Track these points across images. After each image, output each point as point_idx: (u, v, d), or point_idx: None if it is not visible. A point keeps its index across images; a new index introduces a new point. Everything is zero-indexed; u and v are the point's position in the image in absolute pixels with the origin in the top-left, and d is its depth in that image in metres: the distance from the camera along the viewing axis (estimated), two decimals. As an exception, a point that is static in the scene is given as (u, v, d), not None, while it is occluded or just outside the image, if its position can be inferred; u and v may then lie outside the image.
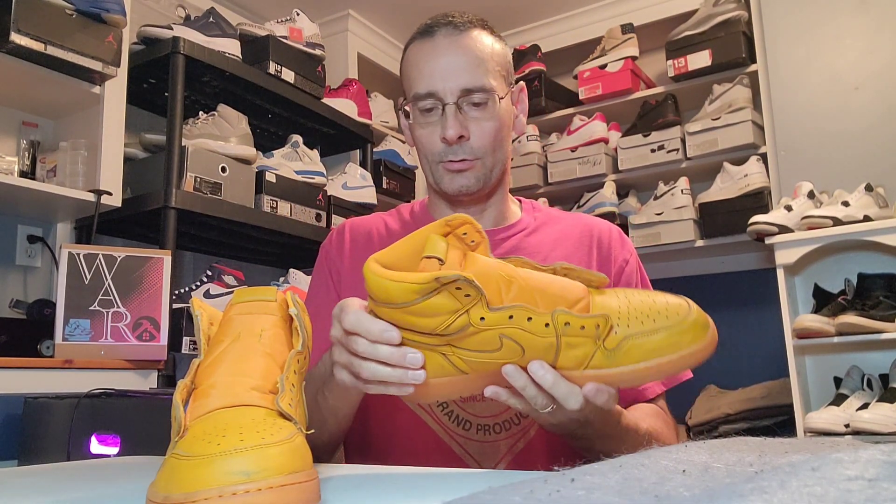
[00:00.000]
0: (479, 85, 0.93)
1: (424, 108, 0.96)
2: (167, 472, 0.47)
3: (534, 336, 0.61)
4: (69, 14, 1.79)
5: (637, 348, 0.62)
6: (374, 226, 1.07)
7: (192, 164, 2.04)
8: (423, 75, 0.95)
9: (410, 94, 0.97)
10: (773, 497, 0.26)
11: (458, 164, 0.96)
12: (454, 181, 0.97)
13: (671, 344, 0.63)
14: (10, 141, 2.04)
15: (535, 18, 3.16)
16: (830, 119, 2.37)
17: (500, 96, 0.96)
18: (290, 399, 0.54)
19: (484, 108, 0.95)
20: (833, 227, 2.09)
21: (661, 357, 0.63)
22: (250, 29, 2.44)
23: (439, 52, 0.95)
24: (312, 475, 0.49)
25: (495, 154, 0.97)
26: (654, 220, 2.62)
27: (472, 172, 0.96)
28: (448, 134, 0.93)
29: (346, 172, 2.66)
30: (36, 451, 1.37)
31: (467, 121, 0.94)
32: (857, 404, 2.02)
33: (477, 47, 0.95)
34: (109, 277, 1.77)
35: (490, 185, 0.99)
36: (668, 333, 0.63)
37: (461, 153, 0.95)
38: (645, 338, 0.62)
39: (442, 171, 0.98)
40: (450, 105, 0.93)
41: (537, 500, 0.31)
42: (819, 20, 2.44)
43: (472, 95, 0.94)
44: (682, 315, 0.64)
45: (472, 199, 1.01)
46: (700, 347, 0.64)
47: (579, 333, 0.62)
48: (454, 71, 0.93)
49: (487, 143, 0.96)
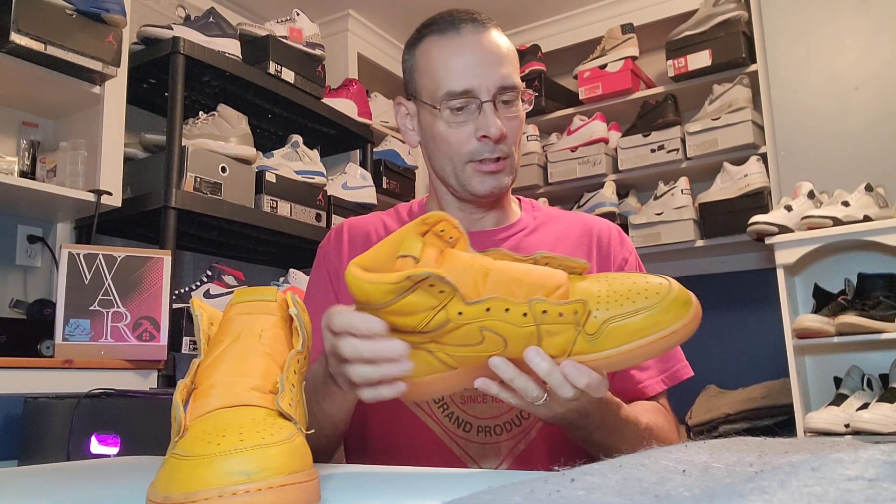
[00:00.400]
0: (511, 83, 0.93)
1: (456, 106, 0.93)
2: (167, 472, 0.47)
3: (513, 326, 0.61)
4: (69, 14, 1.79)
5: (618, 331, 0.62)
6: (372, 226, 1.06)
7: (192, 164, 2.04)
8: (455, 73, 0.92)
9: (439, 93, 0.93)
10: (773, 497, 0.26)
11: (493, 165, 0.94)
12: (485, 182, 0.95)
13: (653, 324, 0.62)
14: (10, 141, 2.04)
15: (535, 18, 3.16)
16: (830, 119, 2.37)
17: (522, 94, 0.96)
18: (290, 399, 0.54)
19: (512, 106, 0.95)
20: (833, 227, 2.09)
21: (644, 338, 0.62)
22: (250, 29, 2.44)
23: (469, 49, 0.93)
24: (312, 475, 0.49)
25: (518, 149, 0.98)
26: (654, 220, 2.62)
27: (503, 173, 0.96)
28: (492, 132, 0.92)
29: (346, 172, 2.66)
30: (36, 451, 1.37)
31: (500, 118, 0.93)
32: (857, 404, 2.02)
33: (504, 45, 0.95)
34: (109, 277, 1.77)
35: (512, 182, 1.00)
36: (648, 314, 0.62)
37: (497, 151, 0.94)
38: (625, 320, 0.62)
39: (471, 172, 0.95)
40: (488, 103, 0.92)
41: (537, 500, 0.31)
42: (819, 20, 2.44)
43: (505, 93, 0.93)
44: (662, 294, 0.64)
45: (490, 200, 1.00)
46: (682, 325, 0.64)
47: (558, 321, 0.61)
48: (489, 67, 0.92)
49: (514, 140, 0.96)
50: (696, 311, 0.65)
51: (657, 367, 0.98)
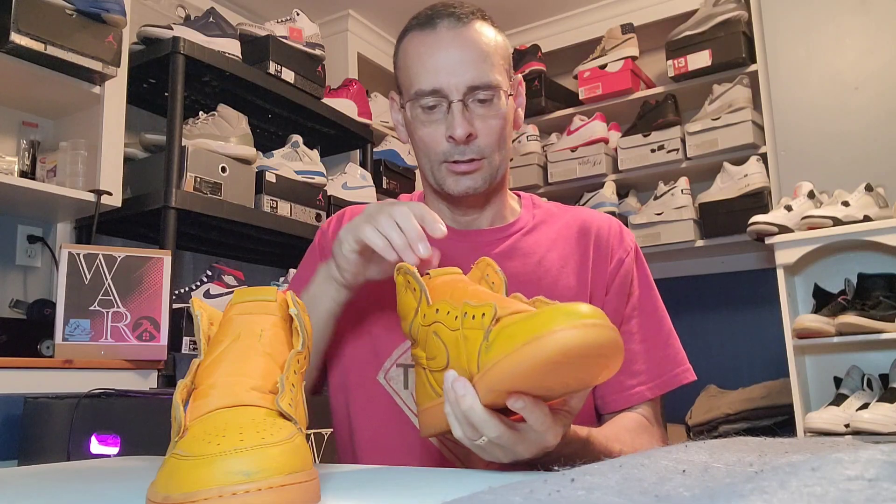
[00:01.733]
0: (485, 81, 0.89)
1: (427, 105, 0.91)
2: (167, 472, 0.47)
3: (449, 331, 0.59)
4: (69, 14, 1.79)
5: (502, 334, 0.54)
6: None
7: (192, 164, 2.04)
8: (426, 70, 0.90)
9: (412, 91, 0.92)
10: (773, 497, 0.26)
11: (464, 166, 0.91)
12: (459, 183, 0.92)
13: (533, 326, 0.52)
14: (10, 141, 2.04)
15: (535, 18, 3.16)
16: (830, 119, 2.37)
17: (505, 91, 0.92)
18: (290, 399, 0.54)
19: (490, 105, 0.90)
20: (833, 227, 2.09)
21: (521, 342, 0.52)
22: (250, 29, 2.44)
23: (443, 46, 0.90)
24: (312, 475, 0.49)
25: (500, 152, 0.93)
26: (654, 220, 2.62)
27: (479, 173, 0.92)
28: (457, 133, 0.88)
29: (346, 172, 2.66)
30: (36, 451, 1.37)
31: (474, 118, 0.90)
32: (857, 404, 2.02)
33: (482, 41, 0.91)
34: (109, 277, 1.77)
35: (494, 184, 0.96)
36: (535, 317, 0.53)
37: (468, 153, 0.91)
38: (513, 324, 0.54)
39: (445, 173, 0.93)
40: (456, 103, 0.89)
41: (537, 499, 0.31)
42: (819, 20, 2.44)
43: (478, 92, 0.89)
44: (562, 306, 0.54)
45: (474, 199, 0.98)
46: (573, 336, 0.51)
47: (472, 325, 0.57)
48: (460, 66, 0.89)
49: (494, 141, 0.92)
50: (599, 330, 0.52)
51: (649, 372, 0.94)
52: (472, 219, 1.00)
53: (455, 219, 1.00)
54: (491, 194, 0.99)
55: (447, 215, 1.00)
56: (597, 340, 0.51)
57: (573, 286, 0.95)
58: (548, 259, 0.97)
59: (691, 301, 2.77)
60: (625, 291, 0.97)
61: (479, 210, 1.00)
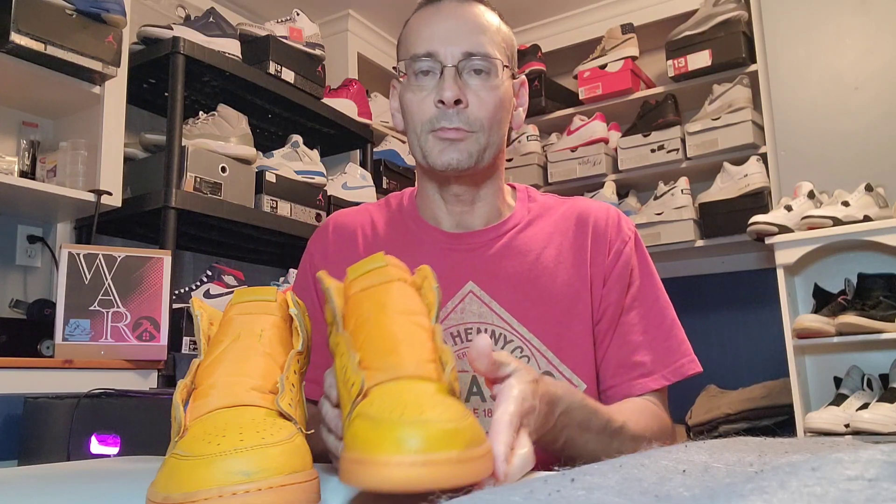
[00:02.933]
0: (482, 51, 0.88)
1: (420, 69, 0.89)
2: (167, 472, 0.47)
3: (340, 370, 0.56)
4: (69, 14, 1.79)
5: (352, 427, 0.48)
6: (359, 224, 1.02)
7: (192, 164, 2.04)
8: (422, 38, 0.90)
9: (408, 57, 0.91)
10: (773, 497, 0.26)
11: (451, 132, 0.88)
12: (444, 154, 0.89)
13: (366, 442, 0.45)
14: (10, 141, 2.04)
15: (535, 18, 3.16)
16: (830, 119, 2.37)
17: (506, 67, 0.90)
18: (289, 399, 0.54)
19: (486, 77, 0.89)
20: (833, 227, 2.09)
21: (352, 455, 0.46)
22: (250, 29, 2.44)
23: (442, 17, 0.90)
24: (312, 475, 0.49)
25: (491, 132, 0.90)
26: (654, 220, 2.62)
27: (464, 145, 0.88)
28: (445, 95, 0.86)
29: (346, 172, 2.66)
30: (36, 451, 1.37)
31: (466, 88, 0.88)
32: (857, 404, 2.02)
33: (484, 17, 0.91)
34: (109, 277, 1.77)
35: (481, 167, 0.92)
36: (376, 428, 0.46)
37: (456, 120, 0.87)
38: (359, 421, 0.48)
39: (432, 142, 0.89)
40: (449, 68, 0.87)
41: (537, 500, 0.31)
42: (819, 20, 2.44)
43: (473, 61, 0.88)
44: (408, 419, 0.46)
45: (461, 181, 0.94)
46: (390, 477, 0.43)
47: (347, 383, 0.54)
48: (457, 34, 0.88)
49: (485, 115, 0.88)
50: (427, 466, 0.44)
51: (653, 363, 0.92)
52: (464, 212, 0.97)
53: (449, 212, 0.97)
54: (480, 183, 0.96)
55: (441, 209, 0.97)
56: (420, 483, 0.43)
57: (571, 282, 0.93)
58: (544, 256, 0.95)
59: (691, 301, 2.76)
60: (624, 282, 0.95)
61: (470, 203, 0.96)
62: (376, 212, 1.04)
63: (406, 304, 0.59)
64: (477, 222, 0.97)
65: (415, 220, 0.99)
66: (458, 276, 0.93)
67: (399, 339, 0.55)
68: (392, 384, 0.52)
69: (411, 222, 1.00)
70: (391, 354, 0.54)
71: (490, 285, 0.92)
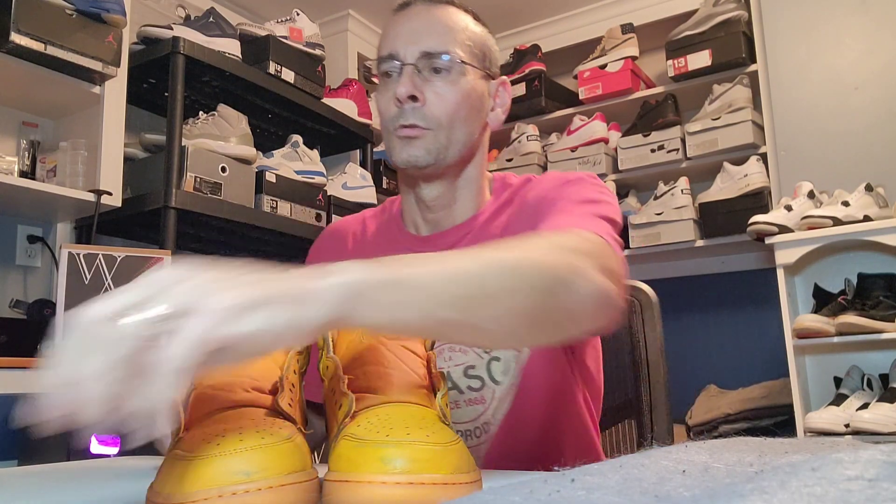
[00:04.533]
0: (441, 49, 0.88)
1: (384, 70, 0.91)
2: (167, 472, 0.47)
3: (328, 391, 0.58)
4: (69, 14, 1.79)
5: (337, 447, 0.50)
6: (350, 230, 1.04)
7: (192, 163, 2.04)
8: (387, 40, 0.91)
9: (375, 59, 0.93)
10: (773, 497, 0.26)
11: (407, 130, 0.88)
12: (403, 151, 0.89)
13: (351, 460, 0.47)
14: (10, 141, 2.04)
15: (535, 18, 3.16)
16: (830, 119, 2.37)
17: (467, 63, 0.89)
18: (289, 399, 0.54)
19: (446, 75, 0.89)
20: (833, 227, 2.09)
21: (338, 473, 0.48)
22: (250, 29, 2.44)
23: (408, 19, 0.91)
24: (312, 475, 0.49)
25: (452, 129, 0.89)
26: (654, 220, 2.62)
27: (421, 142, 0.88)
28: (399, 91, 0.86)
29: (346, 172, 2.66)
30: (36, 451, 1.37)
31: (424, 84, 0.88)
32: (857, 404, 2.02)
33: (450, 18, 0.91)
34: (109, 277, 1.77)
35: (444, 165, 0.90)
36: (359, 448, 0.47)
37: (412, 118, 0.87)
38: (344, 442, 0.49)
39: (394, 141, 0.90)
40: (407, 65, 0.88)
41: (537, 500, 0.31)
42: (819, 20, 2.44)
43: (432, 59, 0.88)
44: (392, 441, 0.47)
45: (430, 181, 0.92)
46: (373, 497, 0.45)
47: (335, 404, 0.56)
48: (418, 34, 0.89)
49: (443, 112, 0.88)
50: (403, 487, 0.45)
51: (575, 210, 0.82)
52: (439, 219, 0.96)
53: (425, 219, 0.97)
54: (453, 184, 0.93)
55: (417, 214, 0.97)
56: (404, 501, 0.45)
57: None
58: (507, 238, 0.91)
59: (691, 301, 2.76)
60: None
61: (446, 208, 0.95)
62: (371, 218, 1.06)
63: None
64: (446, 223, 0.96)
65: (398, 226, 1.00)
66: None
67: (391, 363, 0.56)
68: (380, 407, 0.52)
69: (395, 228, 1.01)
70: (381, 378, 0.54)
71: None
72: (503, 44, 3.18)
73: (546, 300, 0.59)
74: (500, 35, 3.19)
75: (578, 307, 0.62)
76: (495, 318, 0.54)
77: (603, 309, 0.65)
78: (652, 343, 1.10)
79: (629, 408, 1.12)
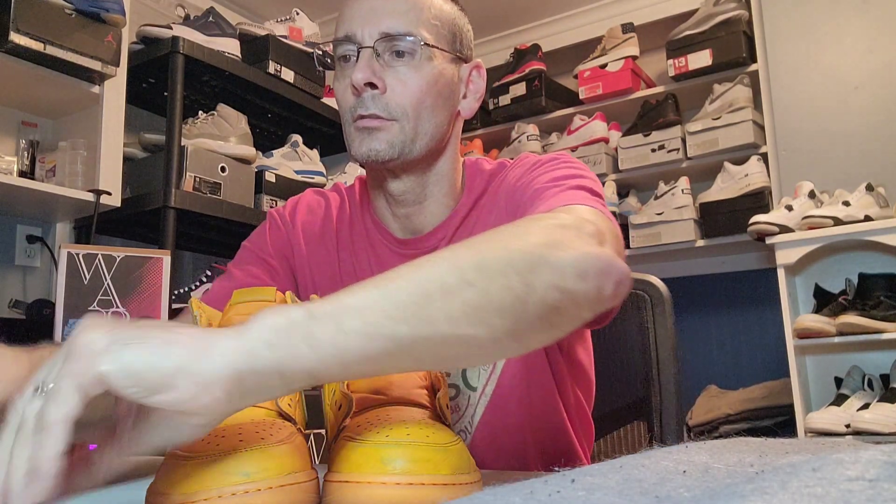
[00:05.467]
0: (403, 31, 0.79)
1: (340, 54, 0.82)
2: (166, 472, 0.47)
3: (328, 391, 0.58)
4: (68, 14, 1.79)
5: (343, 451, 0.50)
6: (327, 203, 0.98)
7: (192, 163, 2.04)
8: (343, 20, 0.81)
9: (332, 42, 0.83)
10: (774, 498, 0.26)
11: (366, 121, 0.79)
12: (363, 144, 0.80)
13: (355, 460, 0.47)
14: (10, 141, 2.04)
15: (535, 18, 3.16)
16: (831, 119, 2.37)
17: (433, 45, 0.81)
18: (289, 399, 0.54)
19: (409, 60, 0.80)
20: (834, 226, 2.09)
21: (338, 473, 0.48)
22: (250, 28, 2.44)
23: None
24: (312, 475, 0.49)
25: (419, 120, 0.81)
26: (654, 220, 2.62)
27: (384, 134, 0.80)
28: (355, 77, 0.78)
29: (345, 172, 2.66)
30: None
31: (384, 71, 0.79)
32: (857, 404, 2.02)
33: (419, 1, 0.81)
34: (109, 277, 1.77)
35: (410, 158, 0.82)
36: (359, 448, 0.47)
37: (373, 107, 0.79)
38: (346, 441, 0.50)
39: (353, 133, 0.81)
40: (365, 48, 0.79)
41: (537, 500, 0.31)
42: (819, 20, 2.44)
43: (394, 42, 0.79)
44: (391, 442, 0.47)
45: (396, 175, 0.85)
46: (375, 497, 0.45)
47: (333, 404, 0.56)
48: (377, 14, 0.79)
49: (408, 101, 0.80)
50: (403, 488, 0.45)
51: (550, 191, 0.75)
52: (410, 214, 0.88)
53: (394, 215, 0.89)
54: (423, 179, 0.86)
55: (387, 211, 0.90)
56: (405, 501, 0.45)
57: None
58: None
59: (692, 301, 2.76)
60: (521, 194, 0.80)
61: (416, 203, 0.88)
62: (344, 196, 0.99)
63: None
64: (427, 223, 0.89)
65: (372, 219, 0.93)
66: None
67: None
68: (380, 408, 0.52)
69: (369, 219, 0.93)
70: (381, 379, 0.54)
71: None
72: (503, 44, 3.18)
73: (522, 284, 0.48)
74: (499, 35, 3.19)
75: (571, 284, 0.51)
76: (455, 320, 0.45)
77: (602, 279, 0.54)
78: (663, 341, 1.01)
79: (637, 409, 1.04)
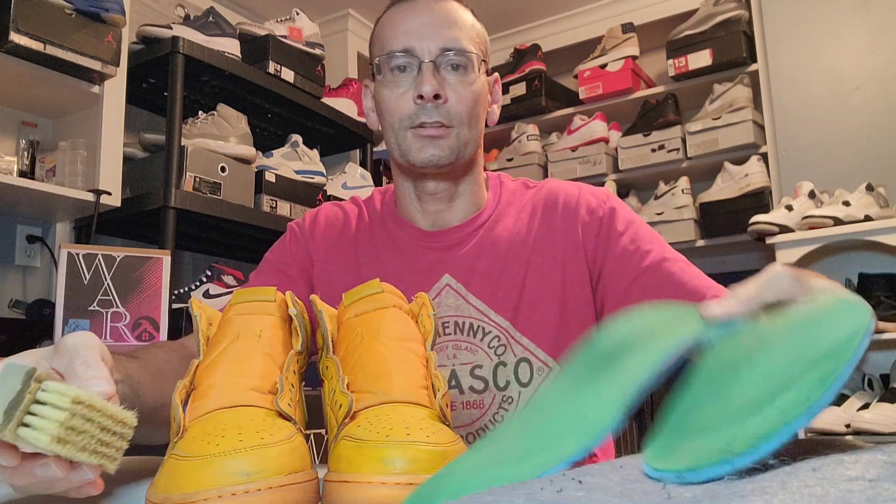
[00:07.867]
0: (458, 46, 0.88)
1: (397, 65, 0.89)
2: (166, 472, 0.47)
3: (327, 393, 0.59)
4: (68, 14, 1.79)
5: (337, 448, 0.51)
6: (346, 215, 1.03)
7: (192, 163, 2.04)
8: (397, 34, 0.89)
9: (383, 53, 0.90)
10: (774, 497, 0.26)
11: (431, 130, 0.87)
12: (424, 150, 0.88)
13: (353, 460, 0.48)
14: (10, 141, 2.04)
15: (535, 18, 3.16)
16: (831, 119, 2.37)
17: (483, 61, 0.91)
18: (289, 399, 0.54)
19: (463, 72, 0.89)
20: (834, 226, 2.09)
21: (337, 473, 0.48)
22: (250, 28, 2.43)
23: (417, 12, 0.90)
24: (312, 475, 0.48)
25: (470, 128, 0.90)
26: (654, 220, 2.62)
27: (445, 141, 0.88)
28: (424, 90, 0.86)
29: (345, 172, 2.66)
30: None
31: (444, 83, 0.88)
32: (857, 404, 2.02)
33: (459, 15, 0.91)
34: (109, 277, 1.77)
35: (460, 163, 0.92)
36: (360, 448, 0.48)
37: (436, 115, 0.87)
38: (345, 441, 0.51)
39: (411, 140, 0.89)
40: (427, 63, 0.87)
41: (538, 500, 0.31)
42: (819, 20, 2.44)
43: (450, 56, 0.88)
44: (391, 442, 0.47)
45: (439, 178, 0.93)
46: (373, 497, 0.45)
47: (334, 405, 0.56)
48: (433, 29, 0.88)
49: (464, 110, 0.88)
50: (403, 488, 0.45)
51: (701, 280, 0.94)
52: (441, 210, 0.96)
53: (424, 210, 0.97)
54: (458, 179, 0.95)
55: (416, 207, 0.97)
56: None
57: (542, 265, 0.92)
58: (516, 244, 0.94)
59: (691, 301, 2.76)
60: (615, 242, 0.93)
61: (447, 201, 0.96)
62: (363, 206, 1.04)
63: (399, 330, 0.59)
64: (454, 218, 0.97)
65: (394, 218, 0.99)
66: (434, 272, 0.94)
67: (390, 364, 0.56)
68: (380, 408, 0.52)
69: (390, 220, 1.00)
70: (381, 379, 0.54)
71: (466, 278, 0.92)
72: (503, 44, 3.18)
73: None
74: (500, 35, 3.19)
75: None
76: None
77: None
78: None
79: (636, 409, 1.08)
